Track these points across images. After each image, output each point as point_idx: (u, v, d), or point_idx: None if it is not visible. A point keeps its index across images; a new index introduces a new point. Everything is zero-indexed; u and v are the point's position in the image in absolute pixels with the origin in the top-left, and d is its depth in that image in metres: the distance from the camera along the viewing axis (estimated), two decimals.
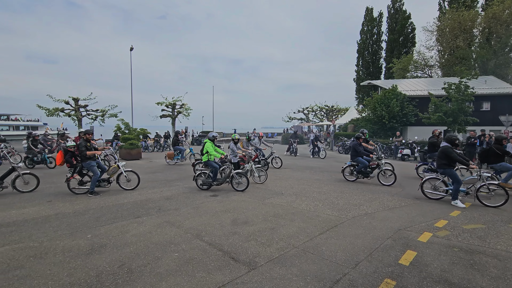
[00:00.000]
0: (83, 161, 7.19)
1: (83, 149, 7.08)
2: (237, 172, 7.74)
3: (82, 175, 7.35)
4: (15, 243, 4.07)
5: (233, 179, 7.72)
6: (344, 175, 9.45)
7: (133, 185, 7.81)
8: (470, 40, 33.51)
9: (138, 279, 3.11)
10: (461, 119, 17.02)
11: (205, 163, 7.80)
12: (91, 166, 7.17)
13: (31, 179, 7.64)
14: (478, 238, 4.41)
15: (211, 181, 7.65)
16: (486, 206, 6.28)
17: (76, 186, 7.24)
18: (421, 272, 3.32)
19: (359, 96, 45.66)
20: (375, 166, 8.95)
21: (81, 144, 7.14)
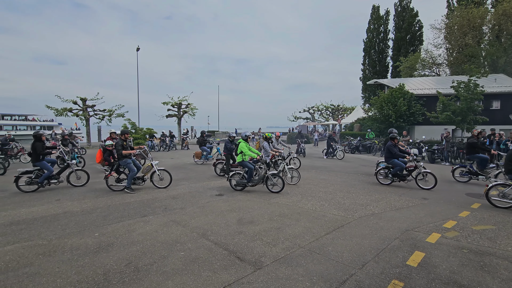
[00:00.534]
0: (120, 160, 7.54)
1: (120, 148, 7.42)
2: (272, 173, 7.46)
3: (119, 173, 7.68)
4: (25, 241, 4.14)
5: (268, 180, 7.47)
6: (378, 178, 8.85)
7: (165, 184, 7.93)
8: (479, 37, 32.89)
9: (144, 277, 3.13)
10: (470, 118, 16.72)
11: (240, 163, 7.65)
12: (127, 163, 7.51)
13: (82, 175, 8.27)
14: (488, 240, 4.33)
15: (246, 182, 7.50)
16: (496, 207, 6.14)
17: (114, 183, 7.61)
18: (429, 273, 3.27)
19: (366, 95, 45.25)
20: (412, 168, 8.29)
21: (118, 143, 7.47)
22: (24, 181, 7.49)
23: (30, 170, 7.58)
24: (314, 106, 44.86)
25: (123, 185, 7.56)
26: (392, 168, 8.49)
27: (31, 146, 7.61)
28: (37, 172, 7.58)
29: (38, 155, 7.49)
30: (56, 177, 7.81)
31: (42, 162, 7.60)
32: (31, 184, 7.49)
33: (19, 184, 7.41)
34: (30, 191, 7.46)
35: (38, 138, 7.63)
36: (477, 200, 6.81)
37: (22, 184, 7.46)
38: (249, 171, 7.47)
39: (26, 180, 7.51)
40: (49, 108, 22.63)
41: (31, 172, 7.55)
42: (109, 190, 7.56)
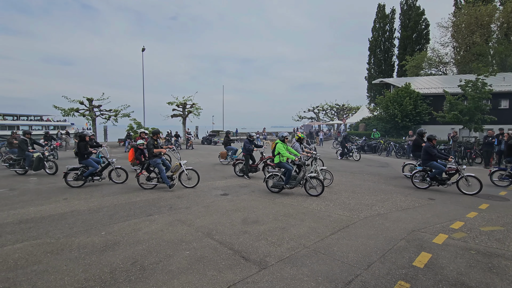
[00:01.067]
0: (150, 159, 7.70)
1: (151, 147, 7.59)
2: (311, 176, 7.13)
3: (149, 172, 7.83)
4: (33, 239, 4.20)
5: (306, 183, 7.15)
6: (413, 181, 8.22)
7: (193, 183, 7.97)
8: (487, 35, 32.39)
9: (150, 276, 3.16)
10: (478, 117, 16.47)
11: (277, 164, 7.38)
12: (156, 163, 7.65)
13: (122, 173, 8.61)
14: (497, 241, 4.26)
15: (283, 184, 7.22)
16: (504, 208, 6.05)
17: (144, 181, 7.80)
18: (436, 274, 3.24)
19: (371, 94, 44.93)
20: (453, 172, 7.67)
21: (149, 142, 7.67)
22: (71, 177, 8.05)
23: (77, 167, 8.11)
24: (319, 105, 44.76)
25: (153, 183, 7.76)
26: (430, 171, 7.92)
27: (76, 145, 8.31)
28: (82, 169, 8.11)
29: (82, 154, 8.02)
30: (99, 174, 8.25)
31: (88, 159, 8.12)
32: (78, 180, 8.04)
33: (68, 179, 7.99)
34: (77, 186, 8.01)
35: (82, 138, 8.16)
36: (485, 201, 6.71)
37: (70, 179, 8.03)
38: (287, 173, 7.16)
39: (73, 176, 8.07)
40: (56, 108, 22.94)
41: (77, 169, 8.10)
42: (116, 190, 7.64)
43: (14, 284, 2.99)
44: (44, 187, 7.92)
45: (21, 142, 10.10)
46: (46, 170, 10.16)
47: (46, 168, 10.16)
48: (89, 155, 8.12)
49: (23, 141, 10.17)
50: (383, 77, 38.39)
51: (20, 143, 10.09)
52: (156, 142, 7.89)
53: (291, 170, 7.21)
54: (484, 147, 13.36)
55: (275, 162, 7.46)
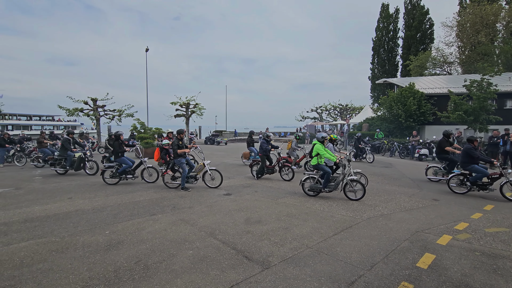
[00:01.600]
0: (175, 158, 7.73)
1: (176, 147, 7.64)
2: (351, 179, 6.69)
3: (174, 171, 7.91)
4: (39, 238, 4.25)
5: (346, 186, 6.75)
6: (450, 186, 7.68)
7: (217, 183, 7.98)
8: (493, 35, 32.07)
9: (154, 275, 3.18)
10: (482, 117, 16.31)
11: (315, 166, 6.96)
12: (181, 163, 7.69)
13: (153, 172, 8.75)
14: (502, 242, 4.22)
15: (322, 187, 6.85)
16: (510, 209, 5.99)
17: (169, 180, 7.91)
18: (440, 276, 3.22)
19: (374, 94, 44.69)
20: (497, 176, 7.02)
21: (174, 142, 7.73)
22: (108, 175, 8.44)
23: (112, 165, 8.51)
24: (321, 105, 44.55)
25: (178, 183, 7.84)
26: (470, 175, 7.36)
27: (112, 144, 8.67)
28: (117, 166, 8.48)
29: (117, 152, 8.42)
30: (132, 173, 8.52)
31: (122, 158, 8.50)
32: (113, 177, 8.42)
33: (105, 177, 8.44)
34: (113, 183, 8.39)
35: (117, 137, 8.55)
36: (490, 202, 6.65)
37: (107, 177, 8.45)
38: (326, 176, 6.76)
39: (110, 173, 8.45)
40: (61, 108, 23.15)
41: (112, 167, 8.49)
42: (120, 190, 7.70)
43: (20, 282, 3.02)
44: (49, 187, 8.00)
45: (65, 142, 10.08)
46: (87, 171, 10.15)
47: (87, 168, 10.16)
48: (123, 153, 8.51)
49: (66, 140, 10.16)
50: (386, 77, 38.16)
51: (64, 142, 10.07)
52: (180, 142, 7.94)
53: (330, 173, 6.82)
54: (489, 148, 13.23)
55: (313, 164, 7.04)
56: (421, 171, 11.24)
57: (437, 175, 9.05)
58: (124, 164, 8.42)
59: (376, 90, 44.05)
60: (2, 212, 5.53)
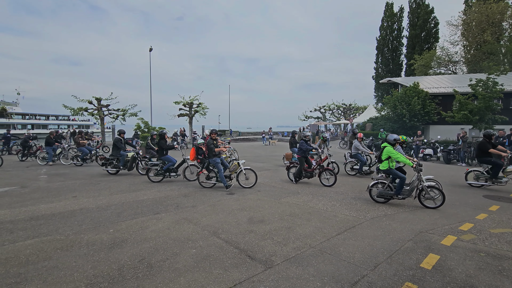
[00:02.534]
0: (210, 158, 7.79)
1: (211, 147, 7.68)
2: (429, 185, 6.08)
3: (209, 171, 7.96)
4: (44, 236, 4.30)
5: (422, 193, 6.12)
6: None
7: (251, 183, 7.95)
8: (499, 34, 31.69)
9: (157, 273, 3.20)
10: (488, 117, 16.14)
11: (386, 171, 6.42)
12: (216, 162, 7.71)
13: (195, 170, 8.91)
14: (507, 243, 4.18)
15: (393, 194, 6.24)
16: None
17: (204, 180, 7.96)
18: (444, 276, 3.19)
19: (378, 94, 44.45)
20: None
21: (209, 142, 7.75)
22: (153, 173, 8.70)
23: (156, 163, 8.79)
24: (325, 105, 44.41)
25: (212, 182, 7.89)
26: None
27: (157, 142, 8.99)
28: (161, 164, 8.73)
29: (162, 150, 8.67)
30: (175, 171, 8.76)
31: (166, 156, 8.76)
32: (158, 175, 8.68)
33: (149, 175, 8.74)
34: (157, 181, 8.67)
35: (162, 136, 8.83)
36: (496, 202, 6.59)
37: (152, 175, 8.74)
38: (400, 181, 6.18)
39: (154, 171, 8.70)
40: (65, 107, 23.34)
41: (157, 165, 8.73)
42: (124, 188, 7.75)
43: (25, 279, 3.06)
44: (54, 185, 8.08)
45: (117, 141, 10.01)
46: (139, 171, 10.11)
47: (140, 168, 10.12)
48: (167, 151, 8.79)
49: (118, 140, 10.08)
50: (390, 77, 37.91)
51: (116, 142, 10.00)
52: (215, 141, 7.97)
53: (405, 178, 6.21)
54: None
55: (383, 169, 6.46)
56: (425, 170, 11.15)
57: (479, 180, 8.23)
58: (168, 162, 8.66)
59: (380, 90, 43.81)
60: (8, 210, 5.60)
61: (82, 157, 12.20)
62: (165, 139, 8.90)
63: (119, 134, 10.41)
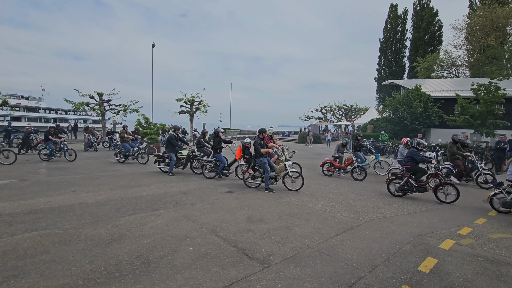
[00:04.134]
0: (257, 158, 7.61)
1: (258, 147, 7.51)
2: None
3: (254, 170, 7.81)
4: (42, 229, 4.30)
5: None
6: None
7: (297, 186, 7.55)
8: (503, 38, 31.54)
9: (155, 270, 3.20)
10: (490, 122, 16.09)
11: None
12: (263, 163, 7.50)
13: None
14: (506, 249, 4.17)
15: None
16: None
17: (249, 180, 7.86)
18: (442, 280, 3.19)
19: (380, 96, 44.37)
20: None
21: (256, 142, 7.58)
22: (207, 169, 8.99)
23: (211, 160, 9.04)
24: (326, 106, 44.32)
25: (257, 182, 7.77)
26: None
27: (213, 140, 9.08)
28: (215, 162, 8.98)
29: (216, 148, 8.82)
30: (227, 169, 8.88)
31: (219, 154, 8.85)
32: (211, 171, 8.97)
33: (204, 170, 9.05)
34: (211, 177, 8.93)
35: (217, 134, 8.93)
36: None
37: (206, 171, 9.03)
38: None
39: (208, 168, 8.99)
40: (67, 101, 23.36)
41: (211, 162, 9.02)
42: (123, 184, 7.75)
43: (23, 272, 3.06)
44: (54, 179, 8.09)
45: (172, 138, 9.51)
46: (194, 170, 9.85)
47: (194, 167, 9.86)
48: (221, 150, 8.88)
49: (173, 137, 9.57)
50: (393, 79, 37.82)
51: (171, 139, 9.50)
52: (262, 141, 7.75)
53: None
54: (495, 153, 13.06)
55: None
56: None
57: None
58: (221, 163, 8.81)
59: (382, 92, 43.73)
60: (7, 203, 5.60)
61: (125, 153, 11.95)
62: (219, 137, 8.93)
63: (174, 131, 9.80)
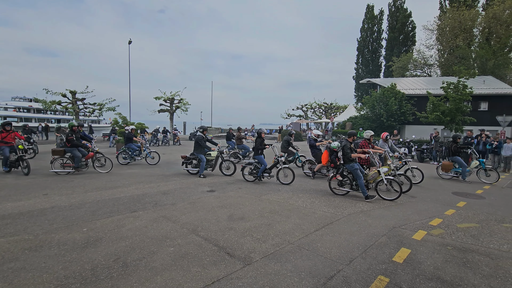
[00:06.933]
0: (346, 163, 6.90)
1: (348, 151, 6.84)
2: None
3: (343, 177, 7.11)
4: (10, 236, 4.05)
5: None
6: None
7: (393, 196, 6.69)
8: (470, 39, 33.53)
9: (133, 273, 3.12)
10: (458, 118, 17.08)
11: None
12: (354, 169, 6.76)
13: (289, 173, 8.30)
14: (472, 237, 4.46)
15: None
16: (480, 206, 6.33)
17: (336, 186, 7.14)
18: (414, 269, 3.36)
19: (358, 94, 45.73)
20: None
21: (346, 146, 6.91)
22: (247, 171, 8.55)
23: (251, 162, 8.55)
24: (307, 103, 45.01)
25: (345, 189, 7.02)
26: None
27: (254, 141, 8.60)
28: (255, 164, 8.46)
29: (258, 149, 8.38)
30: (268, 172, 8.45)
31: (260, 156, 8.36)
32: (251, 174, 8.49)
33: (244, 173, 8.58)
34: (251, 180, 8.48)
35: (259, 135, 8.52)
36: (463, 199, 7.00)
37: (246, 174, 8.57)
38: None
39: (248, 170, 8.54)
40: (37, 101, 22.13)
41: (251, 164, 8.53)
42: (100, 186, 7.47)
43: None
44: (23, 182, 7.64)
45: (200, 139, 9.06)
46: (223, 171, 9.46)
47: (223, 168, 9.48)
48: (262, 151, 8.44)
49: (201, 138, 9.11)
50: (370, 77, 39.12)
51: (199, 140, 9.05)
52: (352, 145, 7.04)
53: None
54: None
55: None
56: None
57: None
58: (261, 165, 8.30)
59: (360, 90, 45.07)
60: None
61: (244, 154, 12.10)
62: (262, 138, 8.46)
63: (202, 132, 9.33)
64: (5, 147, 8.75)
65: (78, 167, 9.05)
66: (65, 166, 9.01)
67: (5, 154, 8.72)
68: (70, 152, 8.96)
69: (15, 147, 8.93)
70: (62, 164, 9.02)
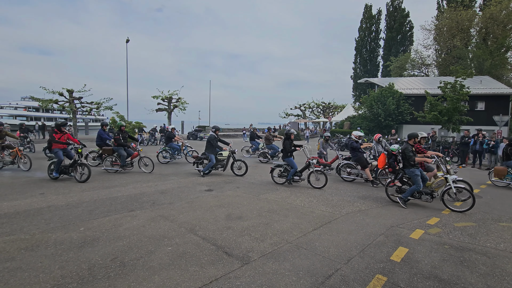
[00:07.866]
0: (407, 168, 6.17)
1: (411, 155, 6.02)
2: None
3: (402, 183, 6.43)
4: (6, 235, 4.02)
5: None
6: None
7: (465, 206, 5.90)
8: (467, 40, 33.72)
9: (130, 272, 3.10)
10: (455, 118, 17.18)
11: None
12: (414, 174, 6.01)
13: (321, 177, 7.82)
14: (469, 236, 4.48)
15: None
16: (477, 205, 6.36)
17: (394, 193, 6.54)
18: (412, 268, 3.37)
19: (356, 93, 45.87)
20: None
21: (407, 148, 6.10)
22: (276, 174, 8.26)
23: (281, 164, 8.26)
24: (305, 103, 45.08)
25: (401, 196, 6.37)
26: None
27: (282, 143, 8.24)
28: (285, 166, 8.13)
29: (287, 151, 8.02)
30: (299, 175, 8.06)
31: (289, 158, 7.99)
32: (281, 176, 8.20)
33: (273, 175, 8.32)
34: (280, 183, 8.17)
35: (288, 136, 8.10)
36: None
37: (275, 176, 8.28)
38: None
39: (278, 172, 8.24)
40: (33, 99, 21.99)
41: (281, 166, 8.23)
42: (96, 185, 7.43)
43: None
44: (20, 181, 7.58)
45: (212, 139, 8.84)
46: (235, 171, 9.29)
47: (235, 169, 9.31)
48: (291, 153, 8.06)
49: (213, 138, 8.91)
50: (368, 77, 39.22)
51: (211, 140, 8.84)
52: (413, 147, 6.30)
53: None
54: (460, 147, 13.97)
55: None
56: None
57: None
58: (291, 168, 7.92)
59: (358, 89, 45.21)
60: None
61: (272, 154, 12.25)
62: (291, 139, 8.00)
63: (214, 131, 9.16)
64: (59, 150, 7.81)
65: (124, 166, 9.23)
66: (114, 164, 9.24)
67: (60, 157, 7.73)
68: (117, 151, 9.15)
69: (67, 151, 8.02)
70: (111, 162, 9.23)
